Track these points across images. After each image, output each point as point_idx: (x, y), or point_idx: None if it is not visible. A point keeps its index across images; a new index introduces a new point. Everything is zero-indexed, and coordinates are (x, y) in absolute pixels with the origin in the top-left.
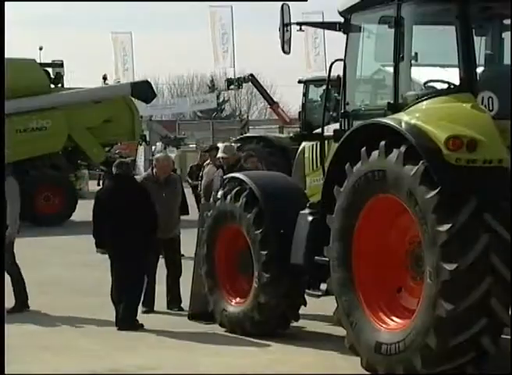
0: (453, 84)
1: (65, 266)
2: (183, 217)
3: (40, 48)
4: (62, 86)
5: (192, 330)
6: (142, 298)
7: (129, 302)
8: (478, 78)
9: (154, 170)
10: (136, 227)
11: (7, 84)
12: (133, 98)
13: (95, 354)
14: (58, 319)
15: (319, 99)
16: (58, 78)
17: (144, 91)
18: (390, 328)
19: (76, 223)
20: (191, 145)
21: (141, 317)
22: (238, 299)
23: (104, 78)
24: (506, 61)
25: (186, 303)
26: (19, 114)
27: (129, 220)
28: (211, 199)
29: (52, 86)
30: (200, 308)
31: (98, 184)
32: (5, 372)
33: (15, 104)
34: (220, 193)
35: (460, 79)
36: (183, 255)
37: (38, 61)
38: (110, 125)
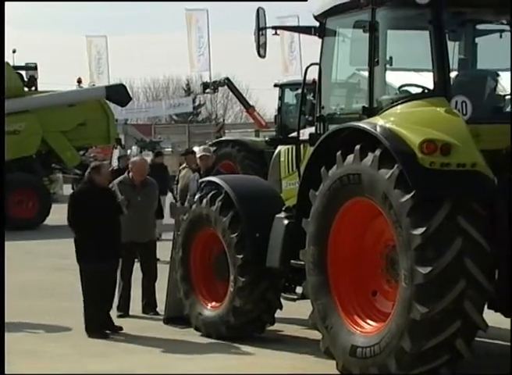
0: (427, 89)
1: (38, 270)
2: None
3: (14, 51)
4: (36, 89)
5: (167, 334)
6: (117, 303)
7: (100, 307)
8: (451, 83)
9: (130, 174)
10: (108, 231)
11: None
12: (108, 102)
13: (67, 359)
14: (29, 325)
15: (295, 103)
16: (32, 81)
17: (119, 94)
18: (365, 331)
19: (50, 227)
20: (167, 149)
21: (116, 321)
22: (214, 303)
23: (79, 81)
24: (479, 66)
25: (161, 307)
26: None
27: (101, 224)
28: (187, 203)
29: (26, 89)
30: (176, 313)
31: (72, 188)
32: (5, 372)
33: None
34: (196, 196)
35: (434, 83)
36: (158, 259)
37: (11, 64)
38: (85, 128)
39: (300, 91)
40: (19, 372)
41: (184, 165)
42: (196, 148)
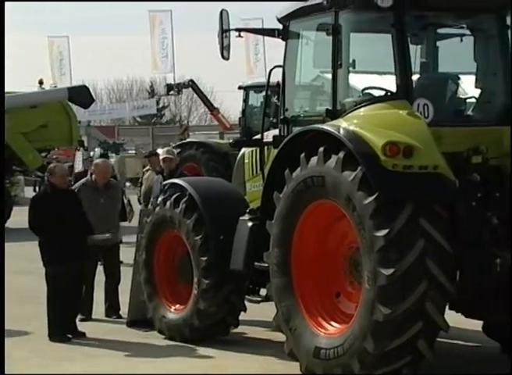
0: (390, 91)
1: (7, 273)
2: (122, 223)
3: None
4: None
5: (130, 338)
6: (79, 306)
7: (65, 311)
8: (413, 86)
9: (92, 176)
10: (71, 232)
11: None
12: (70, 103)
13: (29, 363)
14: None
15: (259, 105)
16: None
17: (81, 95)
18: (329, 333)
19: (11, 229)
20: (130, 151)
21: (78, 325)
22: (177, 306)
23: (41, 83)
24: (441, 69)
25: (124, 310)
26: None
27: (64, 225)
28: (151, 205)
29: None
30: (139, 316)
31: (34, 190)
32: (5, 372)
33: None
34: (159, 199)
35: (397, 86)
36: (122, 262)
37: None
38: (46, 130)
39: (264, 93)
40: (19, 372)
41: (148, 167)
42: (159, 150)
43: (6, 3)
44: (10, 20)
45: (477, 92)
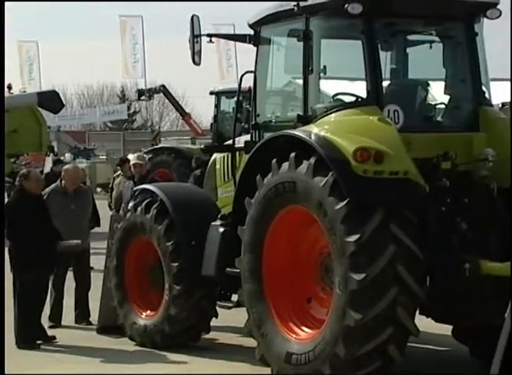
0: (361, 97)
1: None
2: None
3: None
4: None
5: (101, 344)
6: (49, 312)
7: (34, 317)
8: (384, 92)
9: (62, 182)
10: (42, 238)
11: None
12: (40, 108)
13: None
14: None
15: (231, 110)
16: None
17: (51, 100)
18: (300, 338)
19: None
20: (101, 156)
21: (48, 332)
22: (148, 312)
23: (9, 87)
24: (411, 75)
25: (94, 317)
26: None
27: (36, 231)
28: (122, 211)
29: None
30: (110, 322)
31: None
32: (5, 372)
33: None
34: (130, 204)
35: (367, 92)
36: (92, 268)
37: None
38: (16, 135)
39: (236, 98)
40: (19, 372)
41: (119, 172)
42: (130, 156)
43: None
44: None
45: (446, 98)
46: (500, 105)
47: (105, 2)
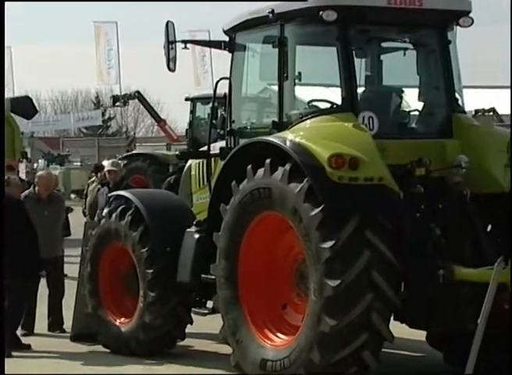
0: (336, 104)
1: None
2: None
3: None
4: None
5: (74, 352)
6: (22, 320)
7: (8, 325)
8: (358, 98)
9: (36, 188)
10: (25, 245)
11: None
12: (13, 114)
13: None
14: None
15: (206, 117)
16: None
17: (24, 106)
18: (275, 345)
19: None
20: (75, 163)
21: (21, 340)
22: (123, 319)
23: None
24: (385, 82)
25: (68, 324)
26: None
27: (18, 238)
28: (96, 217)
29: None
30: (84, 329)
31: None
32: (5, 372)
33: None
34: (105, 211)
35: (342, 99)
36: (66, 275)
37: None
38: None
39: (211, 104)
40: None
41: (93, 179)
42: (105, 162)
43: None
44: None
45: (420, 105)
46: (473, 112)
47: (80, 8)
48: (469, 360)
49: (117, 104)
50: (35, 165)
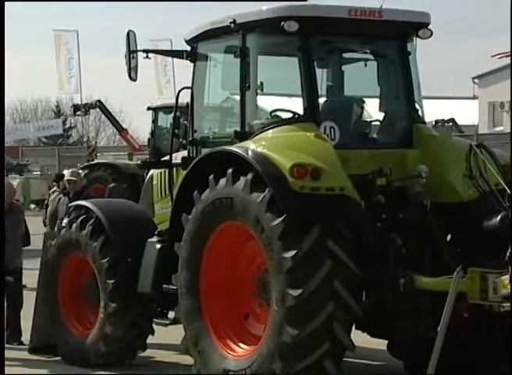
0: (297, 114)
1: None
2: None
3: None
4: None
5: (32, 365)
6: None
7: None
8: (320, 108)
9: None
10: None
11: None
12: None
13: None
14: None
15: (169, 126)
16: None
17: None
18: (237, 355)
19: None
20: (35, 172)
21: None
22: (82, 330)
23: None
24: (347, 92)
25: (26, 337)
26: None
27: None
28: (56, 228)
29: None
30: (42, 341)
31: None
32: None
33: None
34: (65, 221)
35: (304, 109)
36: (25, 286)
37: None
38: None
39: (173, 114)
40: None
41: (54, 188)
42: (65, 172)
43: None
44: None
45: (381, 115)
46: (433, 123)
47: (40, 15)
48: (431, 361)
49: (78, 113)
50: None
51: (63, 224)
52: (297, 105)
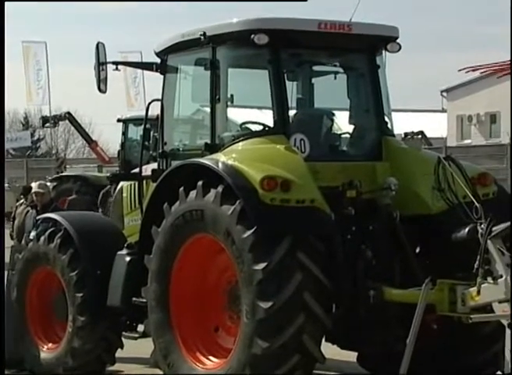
0: (268, 126)
1: None
2: None
3: None
4: None
5: None
6: None
7: None
8: (290, 121)
9: None
10: None
11: None
12: None
13: None
14: None
15: (139, 138)
16: None
17: None
18: (207, 368)
19: None
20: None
21: None
22: (51, 345)
23: None
24: (317, 105)
25: None
26: None
27: None
28: (23, 241)
29: None
30: (10, 356)
31: None
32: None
33: None
34: (32, 234)
35: (274, 121)
36: None
37: None
38: None
39: (143, 126)
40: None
41: (22, 201)
42: (34, 184)
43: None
44: None
45: (350, 128)
46: (403, 136)
47: (8, 25)
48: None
49: (47, 125)
50: None
51: (31, 237)
52: (268, 118)
